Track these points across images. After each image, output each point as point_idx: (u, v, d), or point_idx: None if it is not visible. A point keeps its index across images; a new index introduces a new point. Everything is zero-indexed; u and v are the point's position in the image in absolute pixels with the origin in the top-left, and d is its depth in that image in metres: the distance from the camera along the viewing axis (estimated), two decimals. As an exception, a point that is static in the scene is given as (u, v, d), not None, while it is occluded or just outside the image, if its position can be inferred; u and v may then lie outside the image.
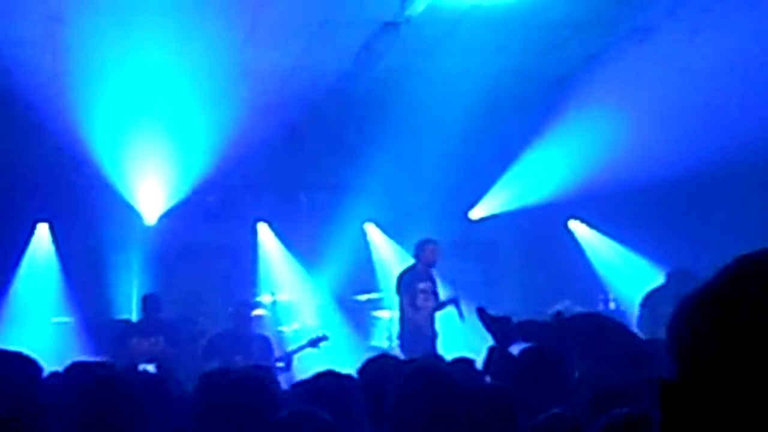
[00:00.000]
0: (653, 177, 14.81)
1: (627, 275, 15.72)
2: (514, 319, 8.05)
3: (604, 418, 3.36)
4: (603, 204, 15.66)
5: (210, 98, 13.83)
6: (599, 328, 7.88)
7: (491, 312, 8.13)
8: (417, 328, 12.96)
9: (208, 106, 14.02)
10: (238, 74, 13.35)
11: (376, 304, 15.12)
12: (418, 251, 13.49)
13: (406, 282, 13.30)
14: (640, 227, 15.69)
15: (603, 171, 14.78)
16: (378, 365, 6.39)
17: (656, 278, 14.32)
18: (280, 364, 12.56)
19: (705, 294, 1.45)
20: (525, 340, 7.71)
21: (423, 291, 13.20)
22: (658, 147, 14.18)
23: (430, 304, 13.24)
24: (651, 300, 13.28)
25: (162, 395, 6.38)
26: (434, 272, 13.45)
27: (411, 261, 13.69)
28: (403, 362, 7.15)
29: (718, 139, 14.00)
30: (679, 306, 1.46)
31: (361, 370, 6.38)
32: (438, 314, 13.14)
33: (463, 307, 12.70)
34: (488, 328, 8.02)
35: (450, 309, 13.01)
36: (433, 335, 13.09)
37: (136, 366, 11.60)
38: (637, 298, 13.90)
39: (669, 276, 13.59)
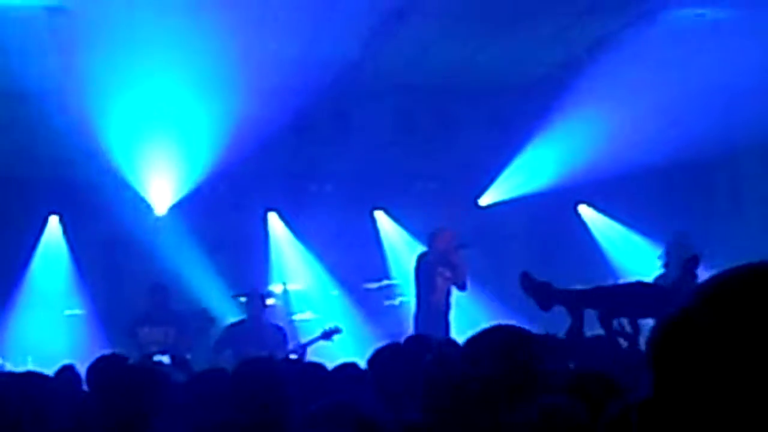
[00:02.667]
0: (661, 160, 14.82)
1: (637, 259, 15.73)
2: (554, 286, 8.33)
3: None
4: (612, 188, 15.66)
5: (218, 88, 13.85)
6: (641, 297, 8.05)
7: (532, 279, 8.46)
8: (433, 311, 12.99)
9: (216, 95, 14.04)
10: (246, 63, 13.36)
11: (387, 292, 15.15)
12: (431, 240, 13.52)
13: (424, 264, 13.32)
14: (649, 211, 15.70)
15: (611, 155, 14.77)
16: (387, 355, 6.42)
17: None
18: (294, 356, 12.59)
19: (685, 315, 1.49)
20: (564, 305, 8.01)
21: (441, 274, 13.21)
22: (666, 130, 14.19)
23: (447, 288, 13.26)
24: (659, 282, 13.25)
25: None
26: (459, 256, 13.38)
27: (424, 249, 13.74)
28: (413, 351, 7.17)
29: (725, 121, 14.01)
30: (659, 324, 1.50)
31: (371, 360, 6.41)
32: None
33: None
34: (529, 293, 8.33)
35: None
36: (447, 321, 13.14)
37: (149, 356, 11.63)
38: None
39: (667, 252, 13.50)
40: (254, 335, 12.89)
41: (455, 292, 13.40)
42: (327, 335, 12.94)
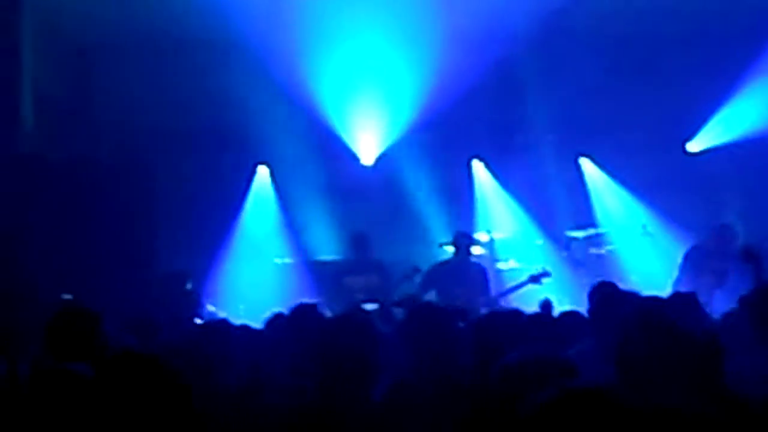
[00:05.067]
0: None
1: None
2: None
3: None
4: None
5: (423, 38, 13.88)
6: None
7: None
8: None
9: (421, 46, 14.07)
10: (451, 11, 13.34)
11: (593, 241, 14.94)
12: (710, 234, 13.14)
13: (689, 260, 12.90)
14: None
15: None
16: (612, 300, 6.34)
17: None
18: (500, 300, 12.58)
19: None
20: None
21: (711, 271, 12.66)
22: None
23: (709, 291, 12.41)
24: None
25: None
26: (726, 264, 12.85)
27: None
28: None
29: None
30: None
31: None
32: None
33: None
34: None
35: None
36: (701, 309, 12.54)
37: (358, 305, 11.67)
38: None
39: None
40: (458, 274, 12.86)
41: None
42: (535, 279, 12.77)
